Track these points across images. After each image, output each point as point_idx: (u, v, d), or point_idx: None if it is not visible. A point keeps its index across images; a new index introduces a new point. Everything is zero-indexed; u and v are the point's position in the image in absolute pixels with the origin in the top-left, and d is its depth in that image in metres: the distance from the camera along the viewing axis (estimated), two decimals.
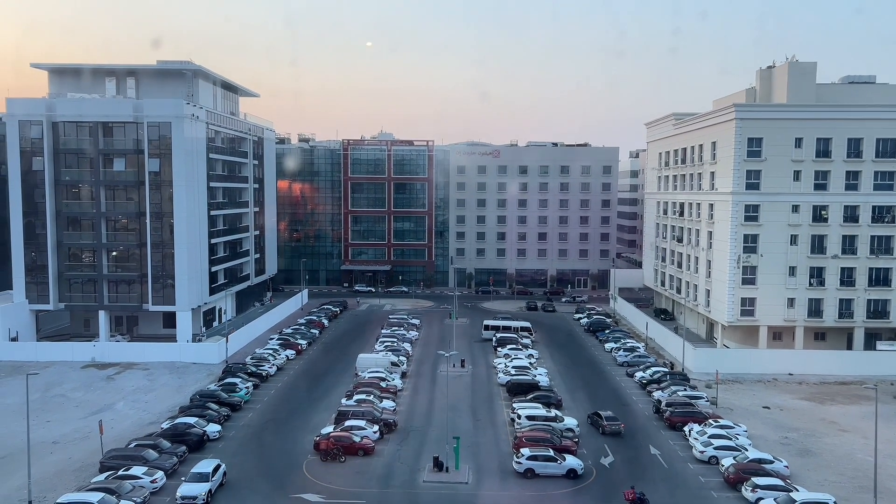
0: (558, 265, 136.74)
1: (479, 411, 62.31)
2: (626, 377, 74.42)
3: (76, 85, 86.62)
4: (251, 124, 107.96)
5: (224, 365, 75.14)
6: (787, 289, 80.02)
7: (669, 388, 66.10)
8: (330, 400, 64.36)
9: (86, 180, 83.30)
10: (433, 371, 75.70)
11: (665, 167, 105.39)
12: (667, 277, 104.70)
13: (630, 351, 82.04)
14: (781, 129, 78.71)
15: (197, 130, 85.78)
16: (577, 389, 69.61)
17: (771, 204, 79.37)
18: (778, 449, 52.80)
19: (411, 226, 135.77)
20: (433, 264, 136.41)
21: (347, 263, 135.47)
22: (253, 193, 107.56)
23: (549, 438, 51.32)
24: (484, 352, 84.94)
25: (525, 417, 56.25)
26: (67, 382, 70.06)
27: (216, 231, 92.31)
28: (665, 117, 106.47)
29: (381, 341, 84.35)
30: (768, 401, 66.10)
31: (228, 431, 56.28)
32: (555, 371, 76.05)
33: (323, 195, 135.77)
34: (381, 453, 51.73)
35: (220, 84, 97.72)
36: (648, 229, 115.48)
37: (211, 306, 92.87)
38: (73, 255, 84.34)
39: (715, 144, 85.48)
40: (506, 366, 73.78)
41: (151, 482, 44.62)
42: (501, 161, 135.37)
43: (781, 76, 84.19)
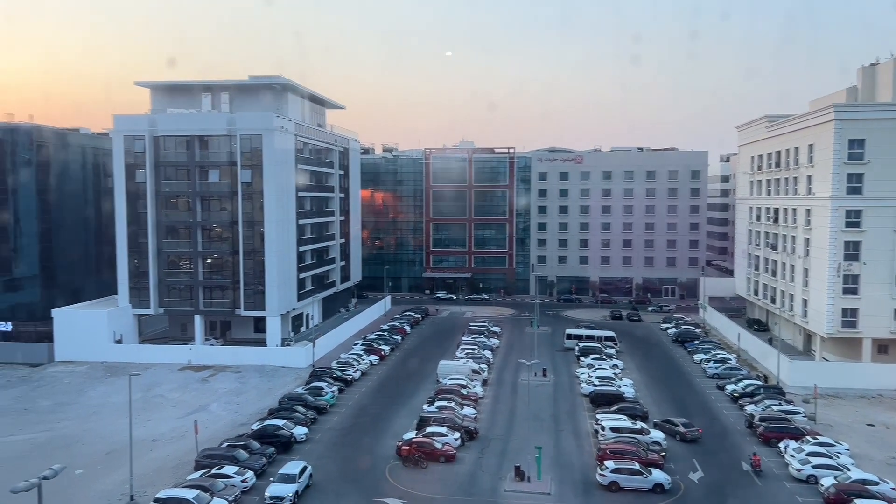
0: (644, 273, 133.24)
1: (562, 421, 61.40)
2: (716, 390, 71.59)
3: (175, 100, 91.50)
4: (337, 135, 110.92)
5: (311, 369, 77.34)
6: (893, 299, 74.97)
7: (763, 402, 63.10)
8: (412, 406, 65.02)
9: (183, 191, 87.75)
10: (514, 379, 75.22)
11: (758, 171, 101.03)
12: (760, 286, 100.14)
13: (721, 363, 78.88)
14: (886, 130, 73.96)
15: (286, 142, 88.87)
16: (663, 402, 67.50)
17: (875, 209, 74.66)
18: (884, 470, 49.42)
19: (492, 233, 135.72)
20: (514, 272, 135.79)
21: (429, 271, 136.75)
22: (339, 202, 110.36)
23: (635, 451, 49.98)
24: (566, 361, 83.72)
25: (609, 429, 55.01)
26: (166, 383, 73.86)
27: (304, 239, 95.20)
28: (758, 120, 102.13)
29: (462, 348, 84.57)
30: (873, 418, 62.01)
31: (314, 434, 57.79)
32: (640, 382, 74.06)
33: (405, 203, 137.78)
34: (463, 460, 51.78)
35: (307, 97, 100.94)
36: (740, 236, 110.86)
37: (299, 312, 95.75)
38: (171, 262, 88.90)
39: (812, 147, 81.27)
40: (589, 376, 72.43)
41: (242, 481, 46.38)
42: (584, 167, 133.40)
43: (886, 73, 79.28)
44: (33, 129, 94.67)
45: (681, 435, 55.69)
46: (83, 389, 71.97)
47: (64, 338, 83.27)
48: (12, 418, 62.83)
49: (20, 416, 63.37)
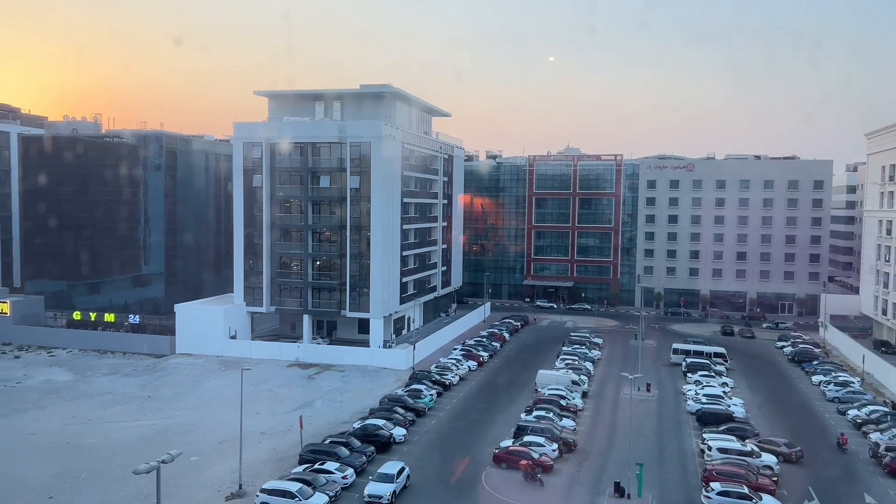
0: (759, 287, 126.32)
1: (666, 439, 59.20)
2: (836, 414, 66.74)
3: (290, 109, 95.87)
4: (442, 143, 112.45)
5: (411, 371, 78.63)
6: None
7: (891, 430, 58.20)
8: (509, 413, 64.69)
9: (296, 195, 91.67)
10: (616, 393, 73.28)
11: (889, 182, 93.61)
12: (889, 305, 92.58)
13: (842, 385, 73.47)
14: None
15: (393, 149, 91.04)
16: (776, 423, 63.65)
17: None
18: None
19: (596, 242, 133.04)
20: (618, 282, 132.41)
21: (529, 278, 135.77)
22: (442, 209, 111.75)
23: (744, 474, 47.44)
24: (672, 377, 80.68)
25: (717, 450, 52.52)
26: (274, 379, 77.26)
27: (407, 244, 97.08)
28: (890, 127, 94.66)
29: (562, 358, 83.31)
30: None
31: (413, 436, 58.62)
32: (752, 402, 70.22)
33: (508, 210, 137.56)
34: (560, 472, 50.96)
35: (414, 105, 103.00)
36: (868, 251, 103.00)
37: (400, 315, 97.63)
38: (283, 263, 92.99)
39: None
40: (696, 393, 69.45)
41: (342, 478, 47.75)
42: (696, 175, 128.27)
43: None
44: (163, 135, 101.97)
45: (784, 456, 52.40)
46: (200, 381, 76.50)
47: (185, 332, 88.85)
48: (138, 404, 67.78)
49: (145, 403, 68.26)
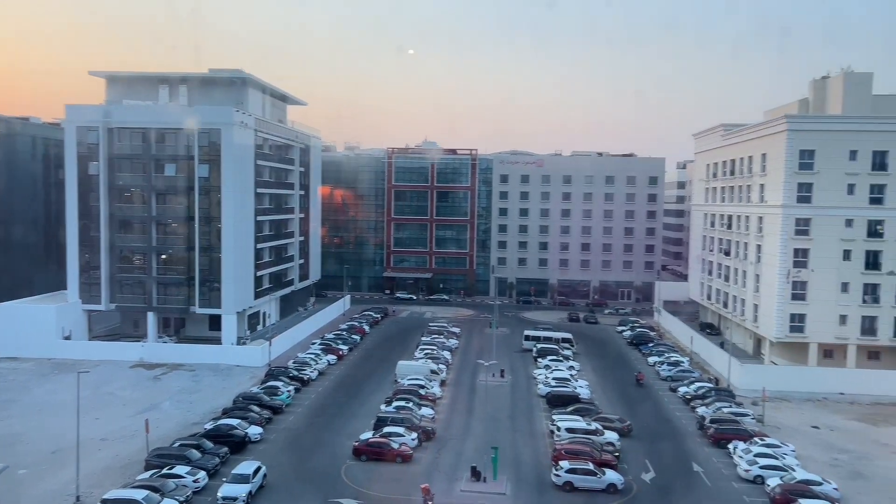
0: (601, 276, 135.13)
1: (519, 422, 61.88)
2: (669, 392, 73.02)
3: (131, 92, 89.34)
4: (298, 132, 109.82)
5: (267, 368, 76.34)
6: (838, 305, 77.54)
7: (714, 404, 64.61)
8: (369, 406, 64.73)
9: (138, 185, 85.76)
10: (472, 380, 75.50)
11: (713, 179, 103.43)
12: (713, 291, 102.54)
13: (674, 365, 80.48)
14: (835, 141, 76.52)
15: (245, 137, 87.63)
16: (617, 403, 68.56)
17: (823, 218, 77.11)
18: (827, 471, 51.06)
19: (453, 234, 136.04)
20: (474, 273, 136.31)
21: (389, 270, 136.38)
22: (298, 200, 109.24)
23: (590, 452, 50.66)
24: (524, 362, 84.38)
25: (565, 430, 55.66)
26: (116, 381, 72.05)
27: (262, 236, 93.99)
28: (714, 128, 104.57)
29: (422, 349, 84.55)
30: (818, 420, 64.03)
31: (270, 434, 57.08)
32: (596, 384, 75.07)
33: (366, 202, 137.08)
34: (419, 461, 51.76)
35: (268, 92, 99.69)
36: (695, 242, 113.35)
37: (255, 310, 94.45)
38: (124, 258, 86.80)
39: (765, 156, 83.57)
40: (546, 377, 73.15)
41: (194, 481, 45.54)
42: (545, 170, 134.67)
43: (836, 87, 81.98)
44: None
45: (618, 431, 56.75)
46: (28, 387, 69.69)
47: (8, 333, 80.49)
48: None
49: None
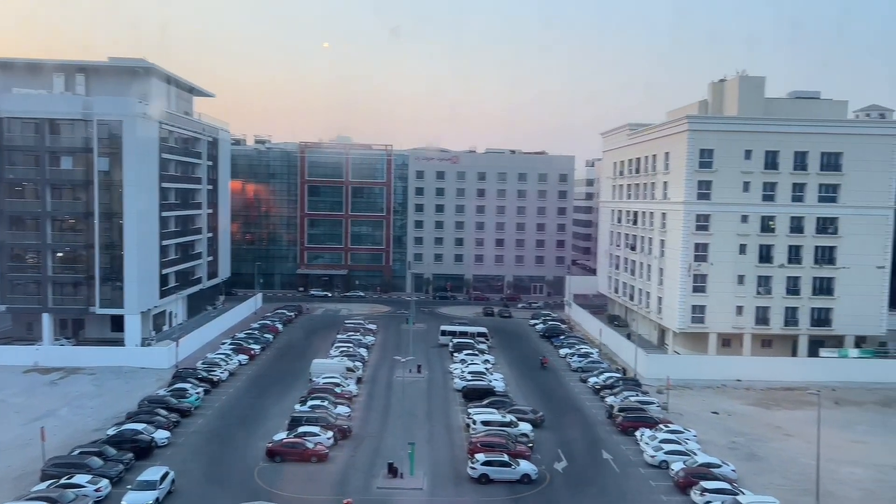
0: (515, 271, 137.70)
1: (435, 417, 62.22)
2: (579, 382, 75.27)
3: (23, 80, 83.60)
4: (205, 124, 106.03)
5: (174, 370, 73.40)
6: (735, 297, 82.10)
7: (622, 393, 67.09)
8: (283, 406, 63.43)
9: (30, 178, 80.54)
10: (389, 376, 75.33)
11: (620, 176, 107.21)
12: (620, 284, 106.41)
13: (584, 356, 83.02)
14: (732, 142, 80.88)
15: (149, 130, 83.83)
16: (531, 394, 70.10)
17: (721, 214, 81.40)
18: (726, 453, 54.03)
19: (369, 230, 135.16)
20: (391, 269, 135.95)
21: (303, 267, 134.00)
22: (206, 195, 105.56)
23: (504, 444, 51.53)
24: (440, 357, 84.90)
25: (480, 423, 56.39)
26: (7, 388, 67.46)
27: (168, 233, 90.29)
28: (620, 128, 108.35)
29: (337, 346, 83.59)
30: (717, 406, 67.64)
31: (178, 438, 54.95)
32: (510, 376, 76.46)
33: (279, 198, 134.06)
34: (335, 460, 51.19)
35: (173, 83, 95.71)
36: (603, 237, 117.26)
37: (161, 310, 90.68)
38: (15, 256, 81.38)
39: (668, 155, 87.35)
40: (462, 371, 73.88)
41: (95, 490, 43.25)
42: (460, 167, 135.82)
43: (732, 90, 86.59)
44: None
45: (531, 422, 58.16)
46: None
47: None
48: None
49: None
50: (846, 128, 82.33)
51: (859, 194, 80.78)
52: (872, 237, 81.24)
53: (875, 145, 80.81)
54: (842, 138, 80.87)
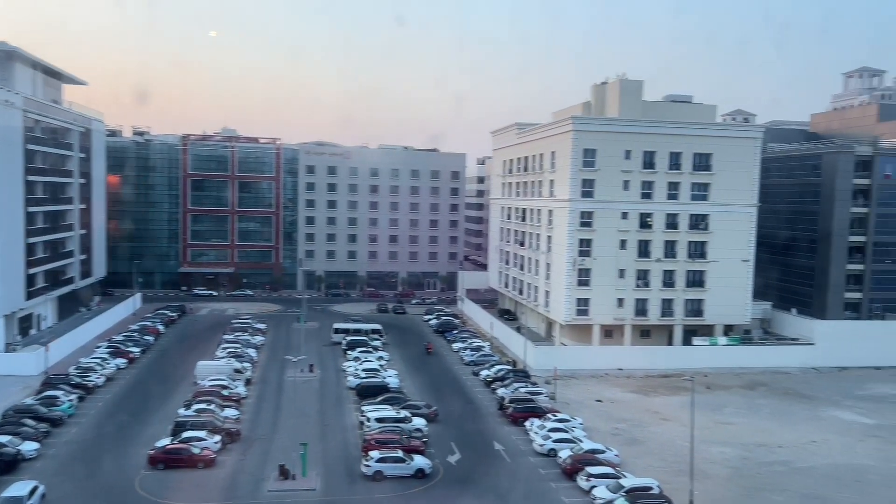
0: (409, 267, 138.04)
1: (328, 416, 61.39)
2: (472, 376, 76.57)
3: None
4: (77, 114, 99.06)
5: (44, 376, 68.14)
6: (616, 290, 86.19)
7: (512, 385, 68.84)
8: (166, 411, 60.47)
9: None
10: (280, 377, 73.53)
11: (509, 174, 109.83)
12: (510, 279, 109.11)
13: (476, 350, 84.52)
14: (613, 142, 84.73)
15: (11, 118, 77.32)
16: (425, 389, 70.60)
17: (603, 211, 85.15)
18: (609, 439, 56.69)
19: (257, 226, 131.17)
20: (280, 266, 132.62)
21: (186, 265, 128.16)
22: (78, 189, 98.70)
23: (398, 440, 51.62)
24: (334, 355, 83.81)
25: (374, 420, 56.18)
26: None
27: (35, 229, 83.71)
28: (509, 127, 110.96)
29: (224, 347, 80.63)
30: (601, 394, 70.82)
31: (48, 449, 51.14)
32: (404, 372, 76.62)
33: (159, 192, 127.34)
34: (223, 464, 49.41)
35: (40, 69, 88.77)
36: (493, 233, 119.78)
37: (28, 312, 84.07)
38: None
39: (554, 154, 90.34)
40: (356, 369, 73.28)
41: None
42: (352, 162, 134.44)
43: (613, 92, 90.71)
44: None
45: (425, 417, 58.76)
46: None
47: None
48: None
49: None
50: (715, 130, 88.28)
51: (727, 193, 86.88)
52: (738, 233, 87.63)
53: (740, 147, 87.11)
54: (712, 140, 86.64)
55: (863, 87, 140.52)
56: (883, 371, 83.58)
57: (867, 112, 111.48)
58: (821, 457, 54.76)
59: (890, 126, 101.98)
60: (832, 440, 58.66)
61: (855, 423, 63.78)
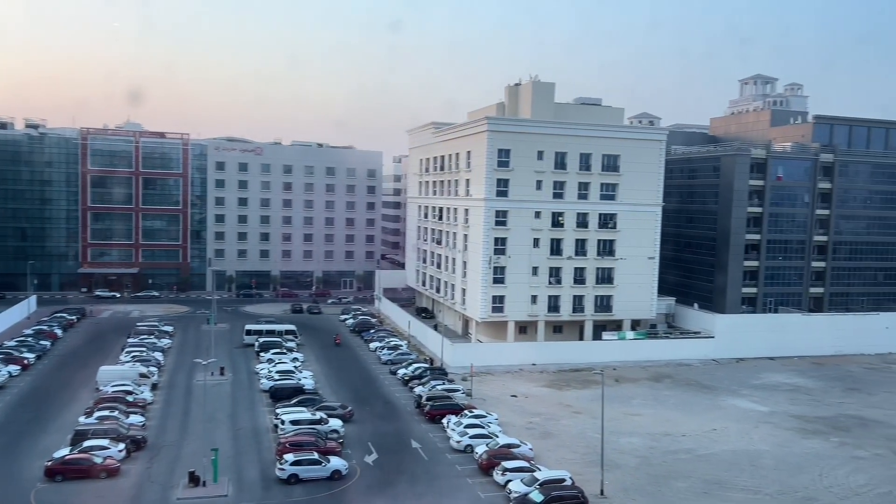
0: (325, 266, 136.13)
1: (240, 420, 59.72)
2: (389, 375, 76.32)
3: None
4: None
5: None
6: (531, 287, 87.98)
7: (429, 383, 69.13)
8: (65, 419, 57.18)
9: None
10: (189, 381, 70.92)
11: (426, 173, 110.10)
12: (427, 278, 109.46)
13: (393, 349, 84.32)
14: (526, 143, 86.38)
15: None
16: (341, 390, 69.83)
17: (517, 210, 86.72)
18: (524, 433, 57.82)
19: (163, 224, 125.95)
20: (189, 266, 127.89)
21: (86, 266, 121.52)
22: None
23: (314, 442, 50.83)
24: (246, 358, 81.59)
25: (289, 422, 55.10)
26: None
27: None
28: (425, 126, 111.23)
29: (128, 351, 76.99)
30: (516, 389, 72.14)
31: None
32: (320, 373, 75.51)
33: (56, 189, 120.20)
34: (128, 474, 47.19)
35: None
36: (410, 232, 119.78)
37: None
38: None
39: (470, 154, 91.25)
40: (269, 371, 71.61)
41: None
42: (265, 159, 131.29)
43: (526, 93, 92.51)
44: None
45: (340, 417, 58.26)
46: None
47: None
48: None
49: None
50: (623, 133, 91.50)
51: (634, 193, 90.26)
52: (644, 231, 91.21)
53: (646, 149, 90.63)
54: (619, 142, 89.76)
55: (757, 93, 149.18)
56: (776, 361, 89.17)
57: (761, 117, 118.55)
58: (720, 444, 57.82)
59: (781, 131, 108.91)
60: (731, 427, 62.03)
61: (751, 410, 67.71)
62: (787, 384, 78.19)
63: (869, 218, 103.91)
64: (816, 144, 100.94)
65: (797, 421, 64.59)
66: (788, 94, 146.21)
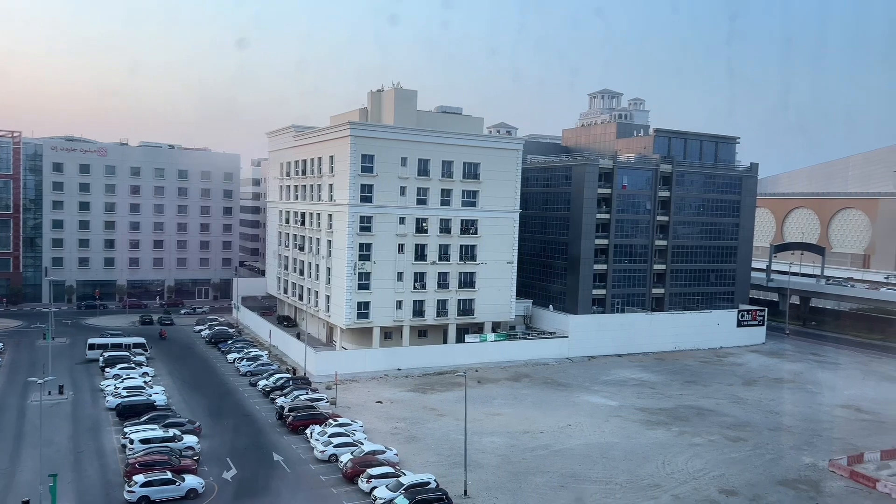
0: (177, 275, 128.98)
1: (83, 441, 55.19)
2: (249, 387, 73.60)
3: None
4: None
5: None
6: (395, 292, 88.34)
7: (292, 393, 67.42)
8: None
9: None
10: (22, 402, 64.56)
11: (287, 177, 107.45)
12: (289, 285, 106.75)
13: (253, 360, 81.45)
14: (390, 149, 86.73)
15: None
16: (197, 405, 66.44)
17: (382, 216, 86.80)
18: (389, 439, 57.87)
19: None
20: (21, 276, 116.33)
21: None
22: None
23: (167, 460, 47.97)
24: (89, 374, 75.54)
25: (139, 441, 51.62)
26: None
27: None
28: (286, 129, 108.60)
29: None
30: (381, 395, 72.06)
31: None
32: (173, 388, 71.43)
33: None
34: None
35: None
36: (271, 238, 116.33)
37: None
38: None
39: (333, 158, 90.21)
40: (116, 387, 66.74)
41: None
42: (109, 161, 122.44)
43: (389, 100, 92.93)
44: None
45: (192, 433, 55.62)
46: None
47: None
48: None
49: None
50: (483, 142, 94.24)
51: (493, 200, 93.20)
52: (503, 237, 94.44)
53: (504, 158, 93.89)
54: (480, 151, 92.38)
55: (604, 106, 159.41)
56: (623, 357, 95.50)
57: (608, 129, 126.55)
58: (575, 438, 60.98)
59: (626, 142, 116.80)
60: (584, 422, 65.61)
61: (602, 405, 72.02)
62: (634, 379, 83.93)
63: (702, 224, 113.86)
64: (657, 156, 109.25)
65: (643, 413, 69.46)
66: (632, 108, 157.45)
